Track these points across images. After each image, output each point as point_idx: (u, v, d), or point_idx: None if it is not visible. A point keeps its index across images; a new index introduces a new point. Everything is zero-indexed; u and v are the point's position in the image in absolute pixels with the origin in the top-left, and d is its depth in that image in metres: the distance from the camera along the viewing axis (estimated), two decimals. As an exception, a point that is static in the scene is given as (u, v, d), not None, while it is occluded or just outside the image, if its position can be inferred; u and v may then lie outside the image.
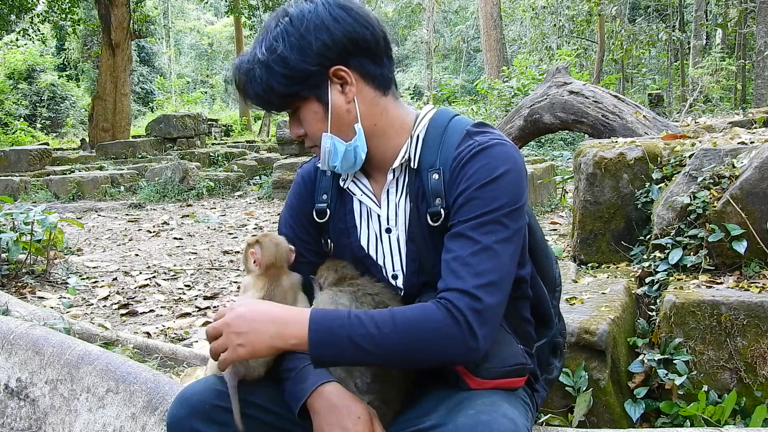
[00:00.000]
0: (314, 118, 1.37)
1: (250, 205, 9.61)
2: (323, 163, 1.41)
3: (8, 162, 12.11)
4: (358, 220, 1.48)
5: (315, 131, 1.38)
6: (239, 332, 1.24)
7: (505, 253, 1.26)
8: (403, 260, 1.44)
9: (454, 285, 1.23)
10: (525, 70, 15.57)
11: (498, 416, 1.18)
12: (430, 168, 1.37)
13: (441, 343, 1.20)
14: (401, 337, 1.20)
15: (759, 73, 13.06)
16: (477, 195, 1.28)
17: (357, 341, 1.20)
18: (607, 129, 5.61)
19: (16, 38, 20.25)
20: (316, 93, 1.35)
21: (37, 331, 2.36)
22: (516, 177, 1.30)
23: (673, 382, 2.24)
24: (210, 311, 3.92)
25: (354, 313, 1.23)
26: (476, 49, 33.54)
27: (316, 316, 1.24)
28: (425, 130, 1.41)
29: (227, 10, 21.35)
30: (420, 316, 1.22)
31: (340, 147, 1.37)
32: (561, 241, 4.57)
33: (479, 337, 1.21)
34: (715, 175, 2.73)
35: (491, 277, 1.23)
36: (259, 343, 1.24)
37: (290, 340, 1.23)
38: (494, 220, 1.26)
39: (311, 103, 1.36)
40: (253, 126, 25.78)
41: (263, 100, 1.38)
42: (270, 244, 1.48)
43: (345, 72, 1.34)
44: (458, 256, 1.25)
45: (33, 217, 4.22)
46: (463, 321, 1.20)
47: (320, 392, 1.30)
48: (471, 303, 1.21)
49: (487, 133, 1.35)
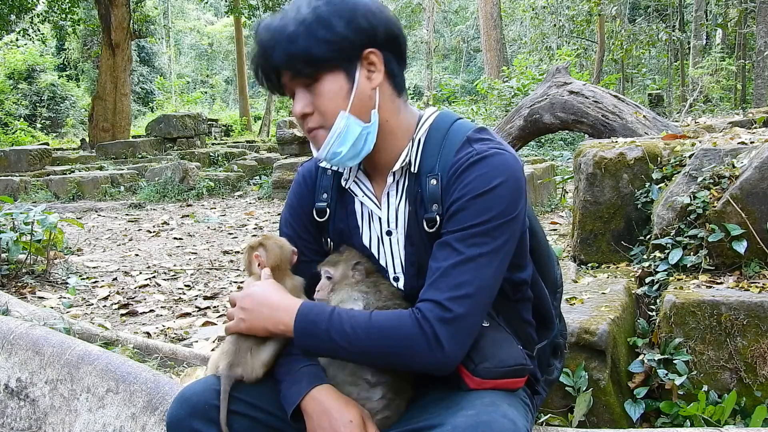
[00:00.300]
0: (336, 94, 1.32)
1: (250, 205, 9.61)
2: (325, 148, 1.34)
3: (8, 162, 12.12)
4: (360, 221, 1.48)
5: (332, 108, 1.32)
6: (245, 308, 1.37)
7: (488, 266, 1.27)
8: (403, 263, 1.44)
9: (429, 295, 1.26)
10: (525, 70, 15.57)
11: (498, 416, 1.18)
12: (429, 173, 1.36)
13: (408, 353, 1.25)
14: (372, 340, 1.26)
15: (759, 73, 13.06)
16: (468, 205, 1.28)
17: (333, 337, 1.27)
18: (607, 129, 5.61)
19: (16, 38, 20.24)
20: (347, 68, 1.32)
21: (37, 331, 2.36)
22: (511, 188, 1.29)
23: (673, 382, 2.24)
24: (210, 311, 3.92)
25: (337, 311, 1.30)
26: (476, 49, 33.55)
27: (303, 308, 1.32)
28: (426, 135, 1.40)
29: (227, 10, 21.34)
30: (392, 323, 1.26)
31: (354, 129, 1.33)
32: (561, 241, 4.57)
33: (446, 348, 1.23)
34: (715, 175, 2.73)
35: (467, 289, 1.25)
36: (256, 322, 1.36)
37: (279, 326, 1.33)
38: (482, 233, 1.27)
39: (338, 76, 1.32)
40: (253, 126, 25.80)
41: (289, 63, 1.30)
42: (274, 247, 1.48)
43: (376, 56, 1.33)
44: (440, 267, 1.27)
45: (33, 217, 4.22)
46: (431, 332, 1.23)
47: (313, 395, 1.32)
48: (440, 314, 1.24)
49: (487, 141, 1.35)
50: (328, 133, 1.34)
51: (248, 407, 1.38)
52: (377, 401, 1.35)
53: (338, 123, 1.32)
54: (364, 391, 1.35)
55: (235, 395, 1.37)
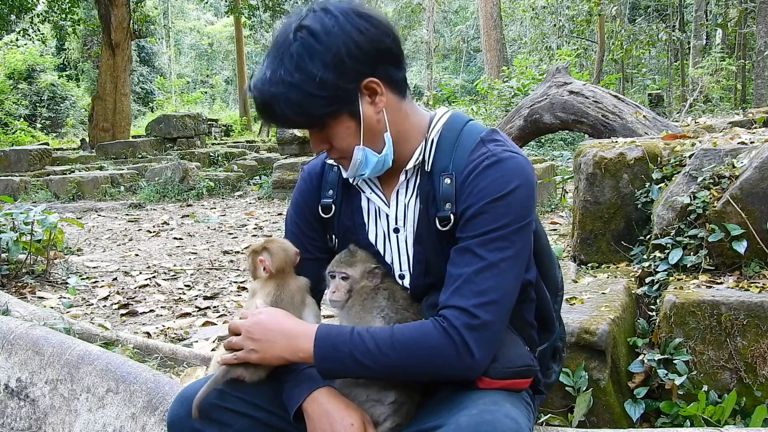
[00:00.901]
0: (346, 134, 1.34)
1: (250, 205, 9.61)
2: (350, 173, 1.39)
3: (8, 162, 12.12)
4: (366, 217, 1.48)
5: (346, 146, 1.35)
6: (254, 338, 1.33)
7: (510, 272, 1.28)
8: (410, 261, 1.44)
9: (454, 302, 1.26)
10: (525, 70, 15.56)
11: (501, 416, 1.18)
12: (442, 172, 1.37)
13: (437, 362, 1.24)
14: (399, 355, 1.24)
15: (759, 73, 13.06)
16: (487, 209, 1.28)
17: (358, 357, 1.25)
18: (607, 129, 5.61)
19: (16, 38, 20.24)
20: (350, 109, 1.32)
21: (37, 331, 2.36)
22: (526, 193, 1.30)
23: (673, 382, 2.24)
24: (210, 311, 3.92)
25: (357, 330, 1.28)
26: (476, 49, 33.53)
27: (321, 332, 1.30)
28: (440, 134, 1.41)
29: (227, 10, 21.35)
30: (417, 336, 1.25)
31: (372, 159, 1.36)
32: (561, 241, 4.57)
33: (476, 355, 1.23)
34: (715, 175, 2.73)
35: (492, 296, 1.25)
36: (270, 352, 1.32)
37: (299, 354, 1.30)
38: (502, 237, 1.27)
39: (343, 118, 1.32)
40: (253, 126, 25.77)
41: (292, 121, 1.33)
42: (278, 250, 1.48)
43: (375, 83, 1.32)
44: (462, 273, 1.27)
45: (33, 217, 4.22)
46: (459, 340, 1.23)
47: (315, 397, 1.32)
48: (468, 321, 1.23)
49: (501, 143, 1.36)
50: (348, 163, 1.38)
51: (249, 407, 1.37)
52: (387, 405, 1.34)
53: (356, 156, 1.36)
54: (375, 393, 1.34)
55: (236, 395, 1.37)
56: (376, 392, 1.34)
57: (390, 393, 1.33)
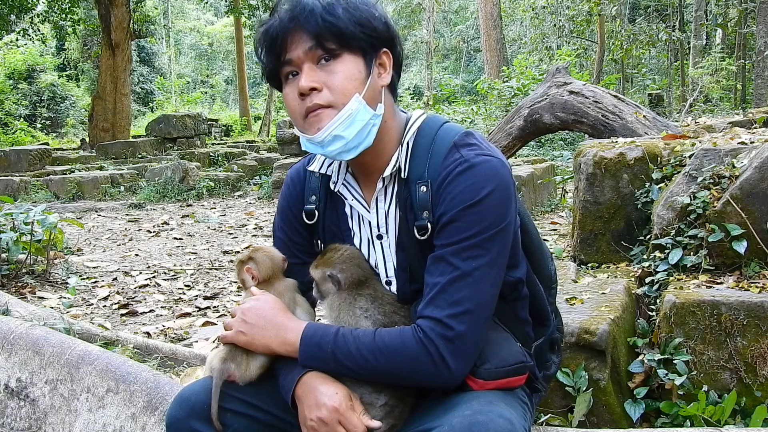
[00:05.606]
0: (354, 76, 1.31)
1: (250, 205, 9.61)
2: (329, 128, 1.29)
3: (8, 162, 12.12)
4: (351, 223, 1.48)
5: (348, 87, 1.30)
6: (247, 321, 1.37)
7: (485, 279, 1.27)
8: (395, 268, 1.44)
9: (429, 313, 1.26)
10: (525, 70, 15.56)
11: (494, 416, 1.18)
12: (418, 180, 1.35)
13: (415, 370, 1.26)
14: (378, 360, 1.27)
15: (759, 73, 13.05)
16: (460, 217, 1.27)
17: (339, 358, 1.29)
18: (607, 129, 5.61)
19: (16, 38, 20.25)
20: (367, 56, 1.34)
21: (37, 331, 2.36)
22: (501, 196, 1.28)
23: (673, 382, 2.24)
24: (210, 311, 3.92)
25: (342, 331, 1.30)
26: (476, 49, 33.54)
27: (309, 329, 1.33)
28: (414, 140, 1.40)
29: (227, 10, 21.36)
30: (396, 343, 1.27)
31: (364, 115, 1.31)
32: (561, 241, 4.57)
33: (452, 366, 1.24)
34: (715, 175, 2.73)
35: (467, 305, 1.25)
36: (258, 338, 1.36)
37: (285, 346, 1.34)
38: (475, 245, 1.26)
39: (358, 60, 1.32)
40: (253, 126, 25.79)
41: (320, 31, 1.28)
42: (264, 259, 1.49)
43: (388, 59, 1.38)
44: (437, 282, 1.27)
45: (33, 217, 4.22)
46: (435, 351, 1.24)
47: (302, 381, 1.33)
48: (442, 332, 1.24)
49: (474, 147, 1.33)
50: (334, 114, 1.30)
51: (247, 406, 1.38)
52: (380, 407, 1.33)
53: (351, 104, 1.30)
54: (367, 395, 1.34)
55: (234, 394, 1.37)
56: (369, 394, 1.34)
57: (381, 395, 1.33)
